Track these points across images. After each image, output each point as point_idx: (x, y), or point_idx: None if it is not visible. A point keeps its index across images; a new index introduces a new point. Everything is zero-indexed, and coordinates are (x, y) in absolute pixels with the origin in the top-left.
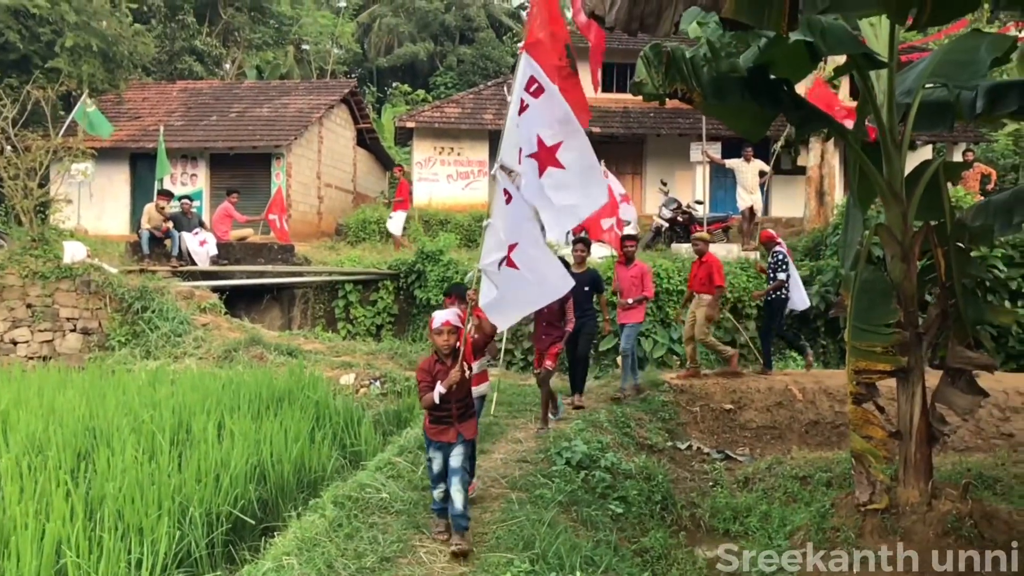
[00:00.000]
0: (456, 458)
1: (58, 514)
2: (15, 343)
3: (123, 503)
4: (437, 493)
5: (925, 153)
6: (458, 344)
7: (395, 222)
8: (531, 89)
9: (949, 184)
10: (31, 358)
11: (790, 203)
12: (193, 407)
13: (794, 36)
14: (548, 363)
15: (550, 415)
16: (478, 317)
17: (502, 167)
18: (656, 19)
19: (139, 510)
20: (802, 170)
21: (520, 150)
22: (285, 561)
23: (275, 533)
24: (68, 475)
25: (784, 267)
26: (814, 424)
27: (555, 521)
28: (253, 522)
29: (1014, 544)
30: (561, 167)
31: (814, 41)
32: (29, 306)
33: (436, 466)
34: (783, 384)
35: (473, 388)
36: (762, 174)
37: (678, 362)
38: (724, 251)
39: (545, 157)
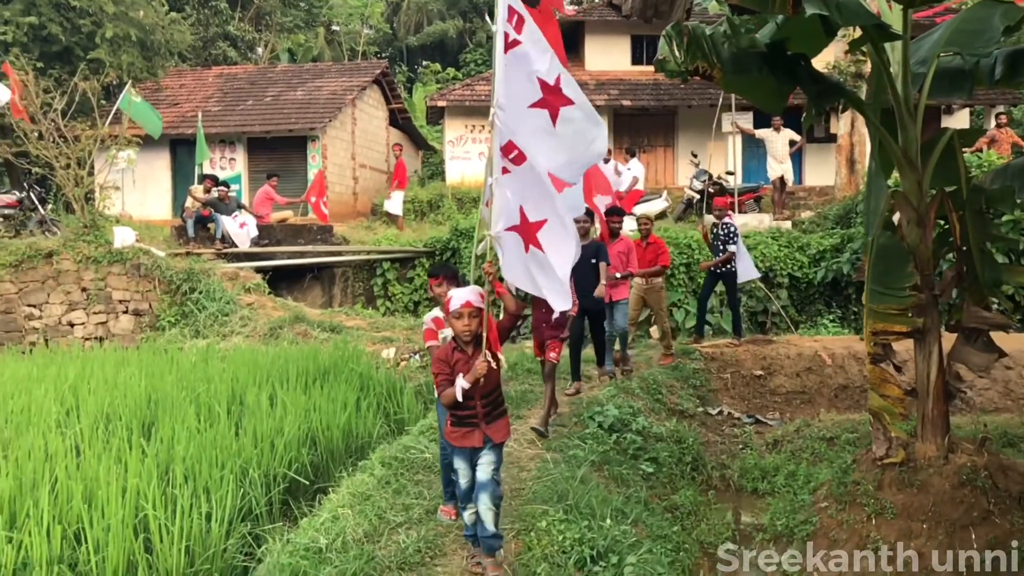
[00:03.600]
0: (484, 468)
1: (134, 473)
2: (72, 325)
3: (191, 464)
4: (468, 515)
5: (962, 117)
6: (480, 329)
7: (393, 202)
8: (512, 21)
9: (983, 148)
10: (87, 339)
11: (823, 171)
12: (245, 381)
13: (809, 10)
14: (552, 355)
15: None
16: (499, 294)
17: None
18: (669, 6)
19: (205, 471)
20: (835, 138)
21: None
22: (340, 512)
23: (328, 492)
24: (142, 440)
25: (733, 239)
26: (843, 388)
27: (587, 478)
28: (307, 483)
29: None
30: (571, 102)
31: (829, 15)
32: (84, 289)
33: (464, 481)
34: (813, 350)
35: None
36: (792, 143)
37: (711, 332)
38: (756, 221)
39: (552, 99)
